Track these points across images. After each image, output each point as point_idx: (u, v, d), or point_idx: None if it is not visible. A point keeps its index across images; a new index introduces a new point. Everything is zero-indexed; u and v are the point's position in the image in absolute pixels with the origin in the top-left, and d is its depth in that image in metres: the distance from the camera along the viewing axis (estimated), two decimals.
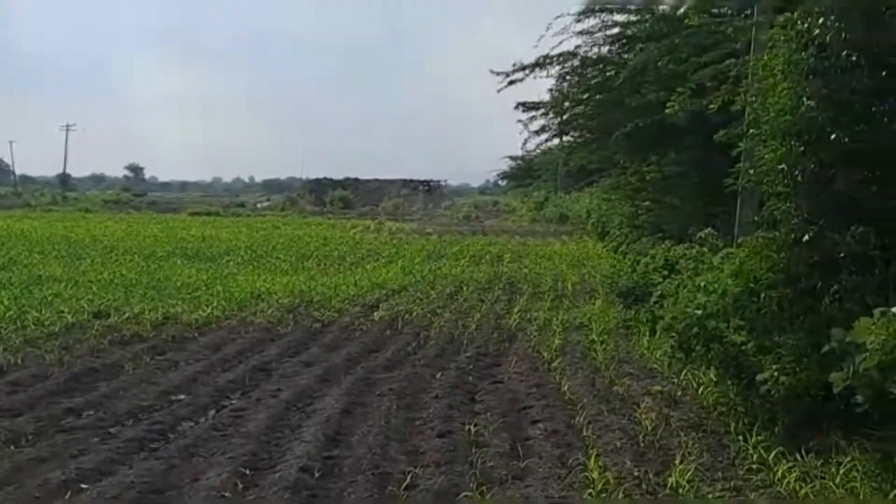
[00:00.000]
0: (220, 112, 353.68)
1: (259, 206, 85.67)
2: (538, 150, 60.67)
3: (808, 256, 8.14)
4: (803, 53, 7.94)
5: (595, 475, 7.18)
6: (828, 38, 7.75)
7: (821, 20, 7.71)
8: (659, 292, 13.56)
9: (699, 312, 9.22)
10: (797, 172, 8.00)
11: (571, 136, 26.96)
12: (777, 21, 8.67)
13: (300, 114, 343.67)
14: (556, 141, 28.18)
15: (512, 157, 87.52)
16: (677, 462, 7.54)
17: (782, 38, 8.22)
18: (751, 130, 9.60)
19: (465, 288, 20.31)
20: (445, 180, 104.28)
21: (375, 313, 16.22)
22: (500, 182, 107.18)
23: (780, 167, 8.14)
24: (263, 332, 14.42)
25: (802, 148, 7.97)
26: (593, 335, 14.02)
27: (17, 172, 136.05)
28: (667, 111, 14.97)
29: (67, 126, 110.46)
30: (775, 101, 8.16)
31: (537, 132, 25.59)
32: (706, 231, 14.80)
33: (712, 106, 13.90)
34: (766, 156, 8.37)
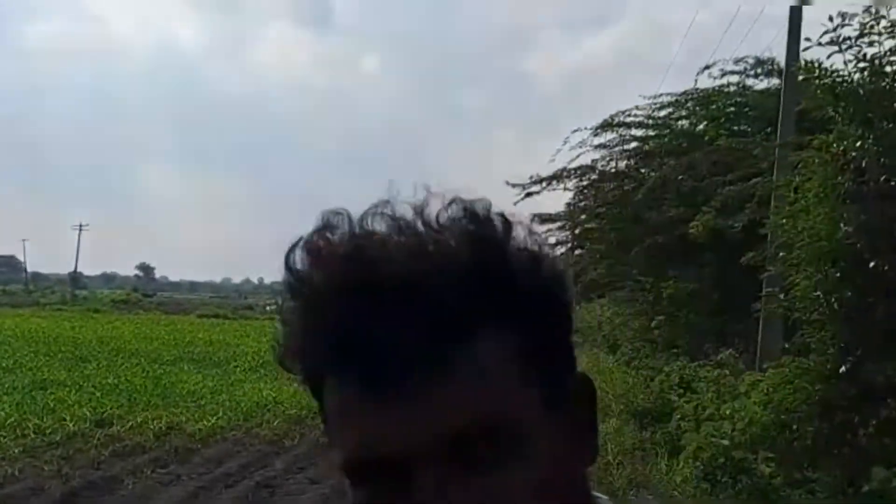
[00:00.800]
0: (230, 213, 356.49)
1: (268, 308, 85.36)
2: None
3: (845, 388, 7.78)
4: (840, 177, 7.69)
5: None
6: (864, 162, 7.49)
7: (857, 143, 7.46)
8: (679, 416, 13.14)
9: (726, 442, 8.84)
10: (834, 300, 7.68)
11: (586, 249, 26.79)
12: (812, 143, 8.43)
13: (308, 208, 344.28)
14: (563, 253, 28.04)
15: None
16: None
17: (816, 160, 7.98)
18: (780, 254, 9.30)
19: None
20: None
21: None
22: None
23: (815, 294, 7.82)
24: (269, 444, 13.98)
25: (839, 275, 7.67)
26: (609, 456, 13.53)
27: (29, 270, 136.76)
28: (690, 230, 14.71)
29: (80, 226, 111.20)
30: (810, 225, 7.90)
31: (552, 245, 25.38)
32: (727, 352, 14.43)
33: (736, 226, 13.64)
34: (801, 282, 8.06)
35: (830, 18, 8.09)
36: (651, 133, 19.78)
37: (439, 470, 0.80)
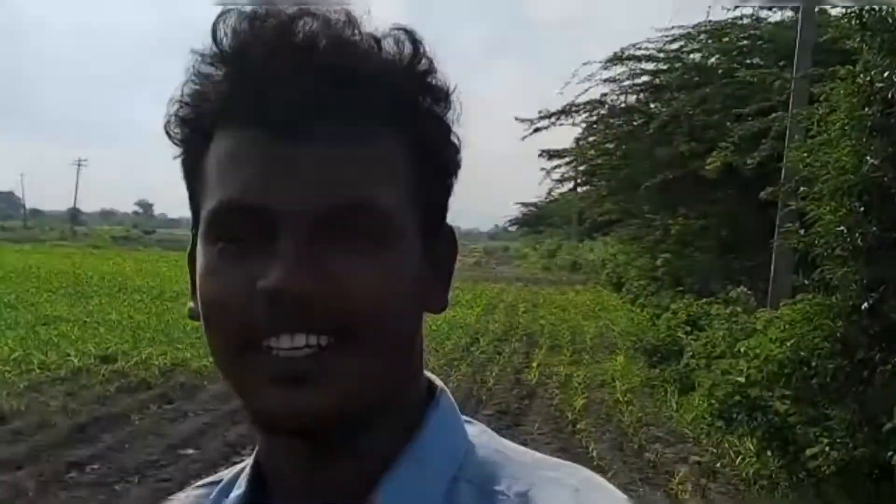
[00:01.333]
0: None
1: None
2: (551, 198, 60.65)
3: (866, 325, 7.64)
4: (866, 109, 7.47)
5: None
6: (891, 93, 7.27)
7: (885, 74, 7.23)
8: (690, 353, 13.04)
9: (741, 379, 8.72)
10: (857, 235, 7.50)
11: (593, 186, 26.53)
12: (837, 75, 8.19)
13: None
14: (571, 189, 27.86)
15: (524, 204, 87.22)
16: None
17: (842, 91, 7.76)
18: (801, 188, 9.11)
19: (480, 339, 19.77)
20: (458, 227, 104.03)
21: None
22: (510, 228, 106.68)
23: (838, 229, 7.64)
24: None
25: (864, 209, 7.48)
26: (617, 394, 13.47)
27: (28, 206, 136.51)
28: (707, 166, 14.46)
29: (79, 161, 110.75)
30: (834, 158, 7.70)
31: (559, 180, 25.20)
32: (739, 290, 14.29)
33: (751, 162, 13.40)
34: (825, 216, 7.88)
35: None
36: (662, 67, 19.39)
37: (308, 235, 0.81)
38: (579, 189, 28.36)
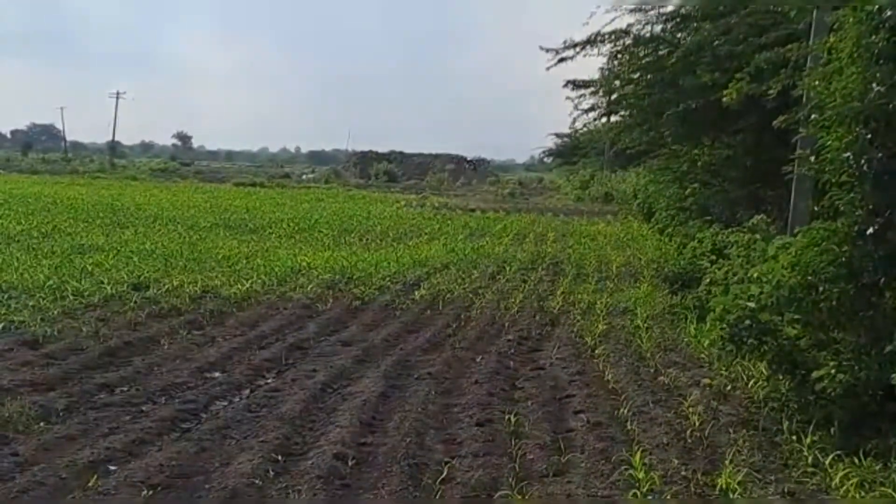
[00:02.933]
0: (268, 83, 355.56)
1: (304, 177, 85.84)
2: (585, 129, 60.20)
3: (872, 250, 7.74)
4: (873, 37, 7.50)
5: (640, 474, 6.84)
6: None
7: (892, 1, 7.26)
8: (708, 279, 13.17)
9: (752, 304, 8.85)
10: (863, 161, 7.58)
11: (620, 116, 26.42)
12: (847, 2, 8.20)
13: (348, 87, 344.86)
14: (603, 120, 27.69)
15: (558, 135, 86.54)
16: (727, 462, 7.19)
17: (851, 19, 7.78)
18: (813, 116, 9.16)
19: (508, 267, 19.96)
20: (492, 160, 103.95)
21: (416, 292, 15.92)
22: (545, 159, 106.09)
23: (844, 155, 7.72)
24: (302, 308, 14.18)
25: (870, 136, 7.54)
26: (638, 321, 13.64)
27: (68, 139, 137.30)
28: (724, 98, 14.41)
29: (118, 93, 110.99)
30: (842, 85, 7.75)
31: (586, 111, 25.11)
32: (758, 218, 14.35)
33: (771, 91, 13.37)
34: (830, 143, 7.95)
35: None
36: None
37: None
38: (609, 118, 28.13)
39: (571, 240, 27.80)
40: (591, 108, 25.20)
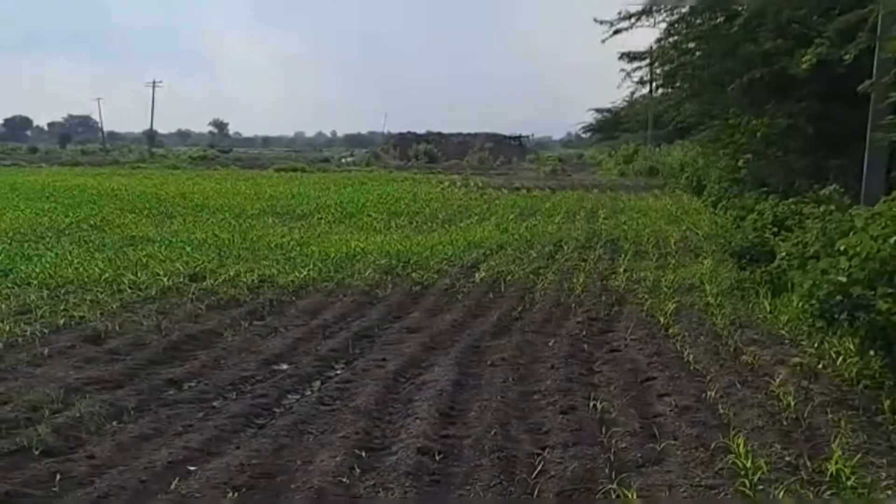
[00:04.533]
0: (301, 67, 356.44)
1: (344, 161, 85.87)
2: (633, 101, 59.51)
3: None
4: None
5: (745, 461, 6.49)
6: None
7: None
8: (783, 253, 12.76)
9: (842, 279, 8.47)
10: None
11: (673, 88, 25.90)
12: None
13: (380, 69, 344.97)
14: (646, 91, 27.27)
15: (598, 110, 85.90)
16: (833, 445, 6.82)
17: None
18: None
19: (564, 246, 19.61)
20: (532, 134, 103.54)
21: (476, 274, 15.61)
22: (582, 135, 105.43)
23: None
24: (362, 295, 13.91)
25: None
26: (708, 297, 13.26)
27: (105, 129, 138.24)
28: (803, 63, 13.90)
29: (154, 82, 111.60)
30: None
31: (640, 82, 24.68)
32: (830, 188, 13.88)
33: (847, 56, 12.87)
34: None
35: None
36: None
37: None
38: (658, 92, 27.67)
39: (623, 216, 27.35)
40: (644, 81, 24.76)
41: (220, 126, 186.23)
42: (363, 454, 6.93)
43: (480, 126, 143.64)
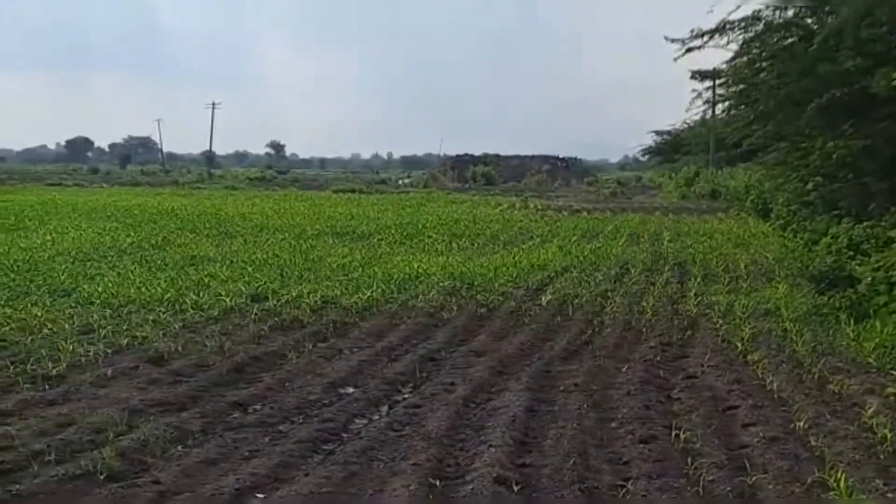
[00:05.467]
0: (358, 90, 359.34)
1: (401, 182, 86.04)
2: (686, 125, 58.96)
3: None
4: None
5: (845, 497, 6.08)
6: None
7: None
8: (868, 278, 12.27)
9: None
10: None
11: (743, 108, 25.36)
12: None
13: (436, 91, 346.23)
14: (712, 113, 26.84)
15: (657, 132, 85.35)
16: None
17: None
18: None
19: (630, 269, 19.19)
20: (578, 158, 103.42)
21: (542, 297, 15.24)
22: (640, 157, 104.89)
23: None
24: (427, 317, 13.62)
25: None
26: (785, 323, 12.79)
27: (164, 150, 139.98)
28: (893, 83, 13.39)
29: (213, 104, 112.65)
30: None
31: (706, 103, 24.25)
32: None
33: None
34: None
35: None
36: None
37: None
38: (722, 114, 27.18)
39: (688, 239, 26.85)
40: (708, 102, 24.31)
41: (278, 147, 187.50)
42: (437, 483, 6.61)
43: (536, 149, 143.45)
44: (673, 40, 21.00)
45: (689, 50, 20.44)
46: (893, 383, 9.21)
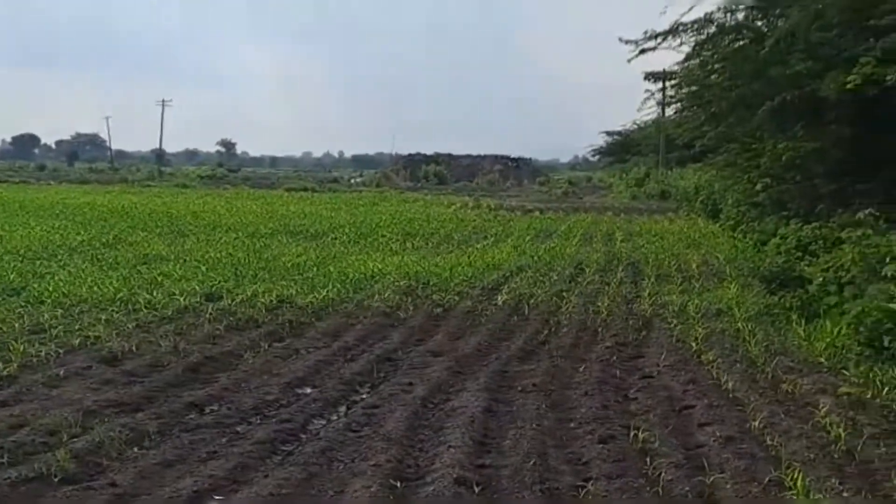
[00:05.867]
0: (308, 88, 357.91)
1: (353, 181, 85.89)
2: (635, 126, 59.41)
3: None
4: None
5: (802, 498, 6.15)
6: None
7: None
8: (819, 279, 12.42)
9: (894, 306, 8.14)
10: None
11: (694, 110, 25.59)
12: None
13: (387, 90, 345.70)
14: (658, 114, 27.05)
15: (608, 133, 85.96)
16: (895, 480, 6.48)
17: None
18: None
19: (585, 269, 19.28)
20: (534, 159, 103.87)
21: (498, 297, 15.28)
22: (591, 158, 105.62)
23: None
24: (383, 316, 13.60)
25: None
26: (738, 323, 12.92)
27: (113, 148, 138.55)
28: (848, 86, 13.55)
29: (164, 102, 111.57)
30: None
31: (664, 103, 24.44)
32: (866, 212, 13.56)
33: (889, 78, 12.54)
34: None
35: None
36: None
37: None
38: (673, 115, 27.38)
39: (640, 239, 27.03)
40: (659, 103, 24.50)
41: (228, 146, 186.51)
42: (397, 484, 6.61)
43: (487, 148, 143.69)
44: (627, 41, 21.16)
45: (643, 51, 20.60)
46: (845, 383, 9.34)
